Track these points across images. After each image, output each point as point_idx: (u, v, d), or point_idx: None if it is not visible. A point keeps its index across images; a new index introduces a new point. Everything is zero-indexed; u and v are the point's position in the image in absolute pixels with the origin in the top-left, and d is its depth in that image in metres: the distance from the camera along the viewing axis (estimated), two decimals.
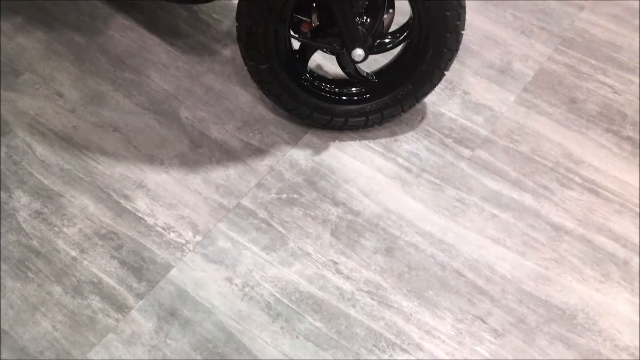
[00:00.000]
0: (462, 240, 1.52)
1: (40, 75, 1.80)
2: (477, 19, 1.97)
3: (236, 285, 1.44)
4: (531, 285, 1.46)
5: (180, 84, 1.80)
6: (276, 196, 1.59)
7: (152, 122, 1.72)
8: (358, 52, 1.48)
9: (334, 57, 1.66)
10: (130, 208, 1.56)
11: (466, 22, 1.52)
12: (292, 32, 1.54)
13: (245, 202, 1.58)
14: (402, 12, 1.60)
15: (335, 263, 1.48)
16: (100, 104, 1.74)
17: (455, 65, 1.81)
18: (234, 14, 1.96)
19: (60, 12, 1.93)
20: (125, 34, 1.90)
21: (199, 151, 1.67)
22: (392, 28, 1.60)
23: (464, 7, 1.48)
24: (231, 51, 1.88)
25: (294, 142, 1.70)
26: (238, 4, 1.48)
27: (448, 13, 1.46)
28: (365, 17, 1.52)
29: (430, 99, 1.78)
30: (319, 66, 1.83)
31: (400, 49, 1.64)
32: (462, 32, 1.52)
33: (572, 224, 1.56)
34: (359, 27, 1.48)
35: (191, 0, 1.61)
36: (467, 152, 1.68)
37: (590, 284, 1.46)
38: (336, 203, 1.58)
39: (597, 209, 1.58)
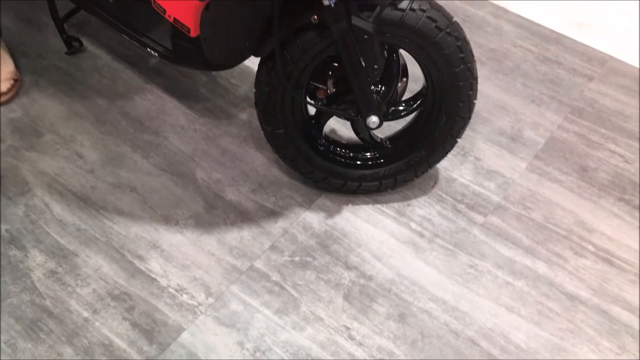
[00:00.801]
0: (476, 308, 1.51)
1: (62, 136, 1.84)
2: (487, 87, 2.01)
3: (247, 350, 1.43)
4: (546, 356, 1.43)
5: (197, 146, 1.84)
6: (289, 259, 1.60)
7: (169, 182, 1.75)
8: (373, 120, 1.52)
9: (348, 122, 1.69)
10: (143, 269, 1.56)
11: (477, 91, 1.56)
12: (308, 99, 1.58)
13: (259, 264, 1.58)
14: (415, 79, 1.65)
15: (348, 328, 1.47)
16: (118, 164, 1.78)
17: (466, 131, 1.84)
18: (251, 79, 2.03)
19: (83, 76, 2.00)
20: (145, 97, 1.95)
21: (214, 212, 1.69)
22: (406, 95, 1.64)
23: (476, 78, 1.52)
24: (248, 115, 1.93)
25: (308, 204, 1.72)
26: (257, 71, 1.53)
27: (461, 83, 1.50)
28: (380, 86, 1.56)
29: (442, 164, 1.80)
30: (333, 130, 1.87)
31: (414, 116, 1.68)
32: (475, 101, 1.56)
33: (586, 294, 1.54)
34: (374, 95, 1.52)
35: (211, 67, 1.67)
36: (479, 218, 1.69)
37: (606, 355, 1.44)
38: (349, 267, 1.58)
39: (611, 278, 1.57)
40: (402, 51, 1.55)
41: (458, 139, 1.62)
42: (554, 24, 2.24)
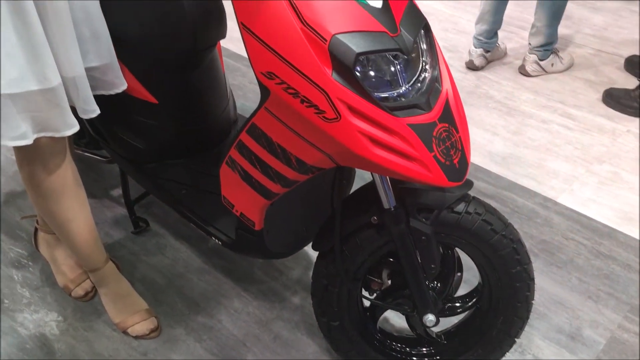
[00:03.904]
0: None
1: None
2: (542, 281, 2.00)
3: None
4: None
5: (249, 330, 1.84)
6: None
7: None
8: (429, 318, 1.51)
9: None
10: None
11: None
12: (364, 292, 1.60)
13: None
14: (467, 267, 1.63)
15: None
16: (171, 347, 1.79)
17: None
18: (304, 262, 2.07)
19: (146, 255, 2.08)
20: (203, 277, 2.01)
21: None
22: (462, 288, 1.64)
23: (532, 279, 1.52)
24: (300, 299, 1.95)
25: None
26: (315, 263, 1.57)
27: (517, 284, 1.50)
28: (435, 282, 1.57)
29: None
30: (386, 319, 1.86)
31: (470, 312, 1.66)
32: (532, 301, 1.54)
33: None
34: (430, 291, 1.53)
35: (271, 256, 1.73)
36: None
37: None
38: None
39: None
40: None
41: (516, 339, 1.59)
42: (604, 217, 2.27)
